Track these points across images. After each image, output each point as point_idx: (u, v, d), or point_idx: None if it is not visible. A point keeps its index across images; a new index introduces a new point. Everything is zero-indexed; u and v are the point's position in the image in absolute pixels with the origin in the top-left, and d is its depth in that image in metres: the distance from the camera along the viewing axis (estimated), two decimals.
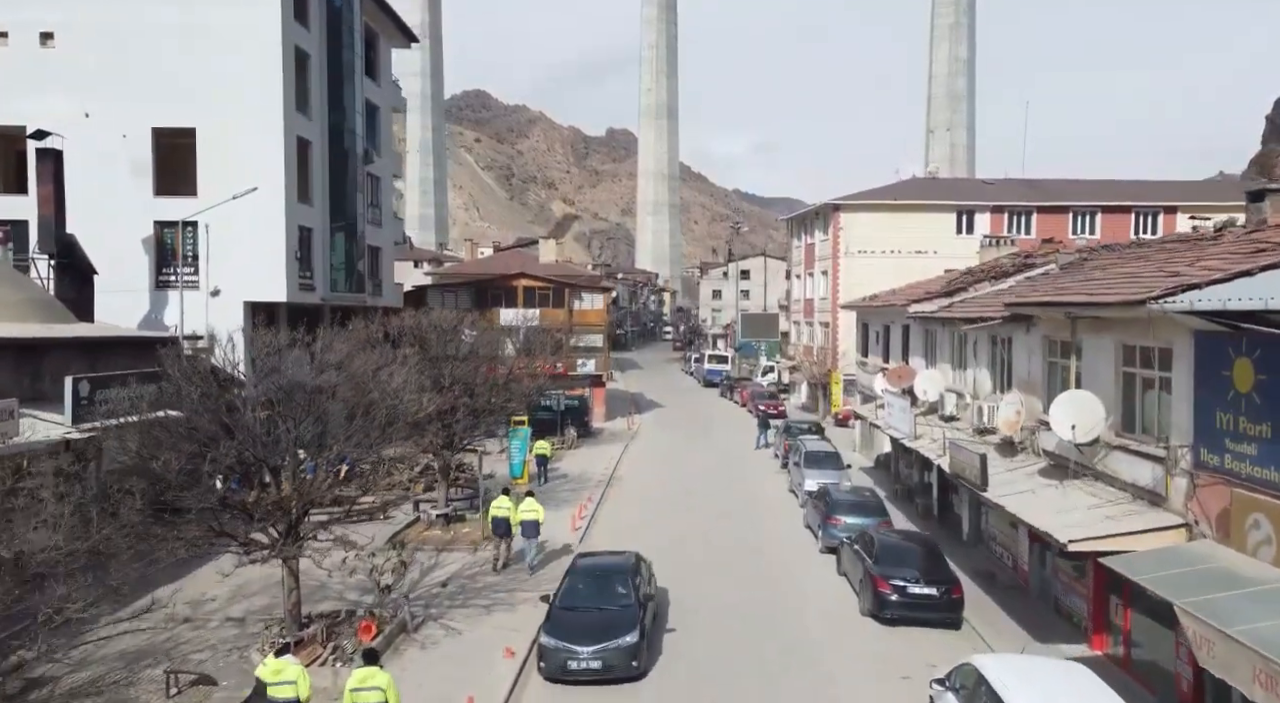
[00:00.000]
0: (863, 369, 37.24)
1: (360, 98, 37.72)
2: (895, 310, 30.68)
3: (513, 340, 39.47)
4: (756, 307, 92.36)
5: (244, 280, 30.92)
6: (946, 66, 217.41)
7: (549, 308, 47.04)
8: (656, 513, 27.75)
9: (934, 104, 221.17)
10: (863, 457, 37.87)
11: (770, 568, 22.00)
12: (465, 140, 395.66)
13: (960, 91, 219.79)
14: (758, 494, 30.56)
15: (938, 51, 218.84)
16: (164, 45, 30.50)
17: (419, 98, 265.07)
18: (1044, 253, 30.67)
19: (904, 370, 27.87)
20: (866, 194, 52.38)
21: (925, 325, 27.58)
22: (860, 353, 37.72)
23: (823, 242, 52.69)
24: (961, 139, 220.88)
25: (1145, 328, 14.17)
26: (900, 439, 24.47)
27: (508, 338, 40.03)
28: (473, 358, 24.79)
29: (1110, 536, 13.10)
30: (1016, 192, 52.55)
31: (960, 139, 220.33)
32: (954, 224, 50.55)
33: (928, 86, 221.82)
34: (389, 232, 42.86)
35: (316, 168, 34.12)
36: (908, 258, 49.69)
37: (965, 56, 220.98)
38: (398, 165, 47.51)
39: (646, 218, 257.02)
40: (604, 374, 48.29)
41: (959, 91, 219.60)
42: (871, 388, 34.61)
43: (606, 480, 32.15)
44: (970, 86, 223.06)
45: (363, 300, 38.59)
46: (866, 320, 36.51)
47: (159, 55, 30.50)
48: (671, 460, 37.16)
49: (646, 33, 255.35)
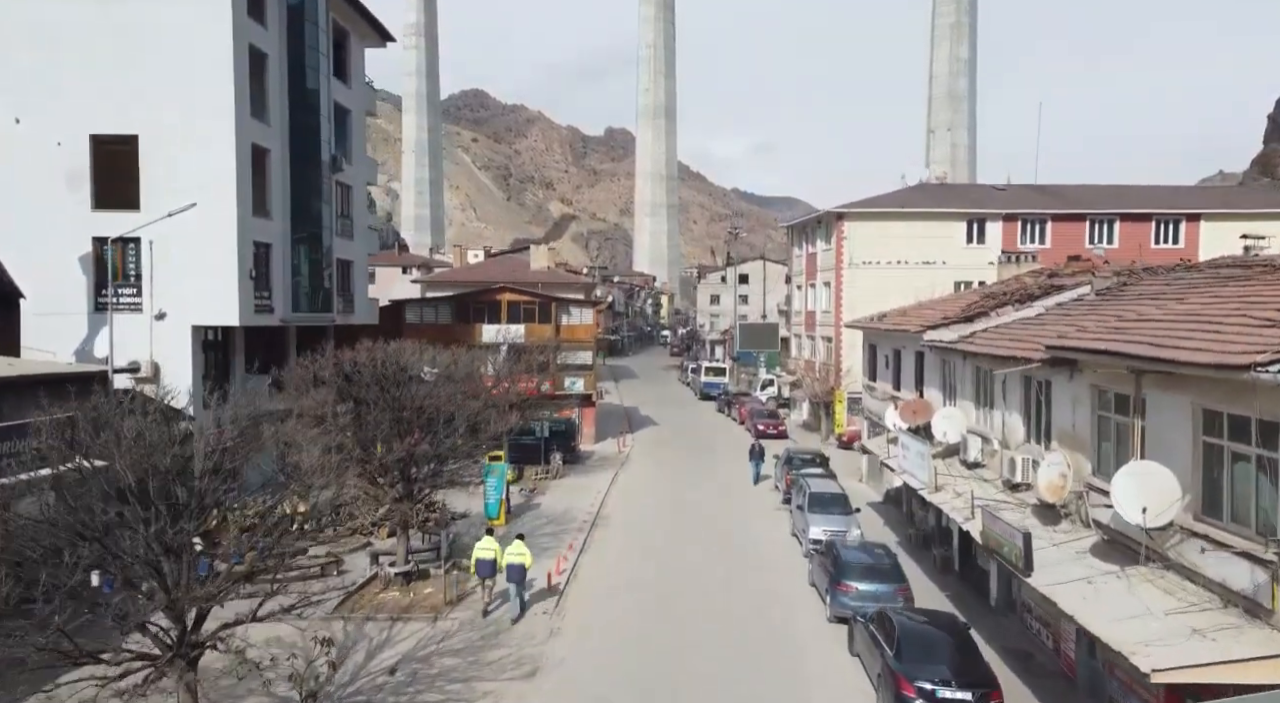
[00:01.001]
0: (870, 394, 34.46)
1: (328, 101, 34.88)
2: (907, 335, 27.91)
3: (492, 362, 36.78)
4: (755, 311, 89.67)
5: (192, 302, 28.08)
6: (947, 66, 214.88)
7: (534, 323, 44.24)
8: (643, 563, 24.94)
9: (935, 104, 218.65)
10: (870, 488, 35.10)
11: (771, 640, 19.19)
12: (462, 140, 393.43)
13: (961, 92, 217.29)
14: (757, 539, 27.73)
15: (938, 51, 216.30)
16: (103, 45, 27.65)
17: (414, 97, 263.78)
18: (1071, 272, 27.95)
19: (920, 405, 25.08)
20: (871, 201, 49.61)
21: (943, 355, 24.81)
22: (867, 376, 34.95)
23: (825, 251, 49.91)
24: (963, 139, 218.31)
25: (1237, 392, 11.40)
26: (919, 490, 21.70)
27: (488, 359, 37.39)
28: (436, 396, 21.93)
29: (1208, 664, 10.32)
30: (1029, 198, 49.77)
31: (961, 139, 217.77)
32: (964, 233, 47.80)
33: (928, 86, 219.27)
34: (362, 244, 40.04)
35: (276, 178, 31.29)
36: (915, 269, 46.99)
37: (966, 56, 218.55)
38: (372, 172, 44.60)
39: (644, 219, 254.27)
40: (593, 393, 45.48)
41: (960, 92, 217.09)
42: (880, 418, 31.83)
43: (591, 521, 29.33)
44: (971, 87, 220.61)
45: (330, 320, 35.78)
46: (874, 342, 33.74)
47: (97, 56, 27.65)
48: (662, 494, 34.31)
49: (644, 32, 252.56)
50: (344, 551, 25.02)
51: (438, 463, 22.01)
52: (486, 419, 24.67)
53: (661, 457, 42.94)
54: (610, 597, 22.07)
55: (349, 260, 38.32)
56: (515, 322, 44.06)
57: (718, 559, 25.14)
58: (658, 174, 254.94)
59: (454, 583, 21.31)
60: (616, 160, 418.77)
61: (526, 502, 32.43)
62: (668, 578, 23.40)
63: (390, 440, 20.90)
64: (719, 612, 20.93)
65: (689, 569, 24.19)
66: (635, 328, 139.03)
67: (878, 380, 33.20)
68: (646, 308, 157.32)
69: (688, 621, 20.30)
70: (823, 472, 31.86)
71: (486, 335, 43.17)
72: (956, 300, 29.65)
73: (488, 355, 37.69)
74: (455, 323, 43.76)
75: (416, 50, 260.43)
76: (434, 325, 43.93)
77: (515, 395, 34.79)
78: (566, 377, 44.84)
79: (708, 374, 68.99)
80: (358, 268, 39.37)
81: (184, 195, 27.09)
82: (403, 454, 21.02)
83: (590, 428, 46.28)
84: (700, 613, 20.87)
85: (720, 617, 20.58)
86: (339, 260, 37.14)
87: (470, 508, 29.61)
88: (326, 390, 21.53)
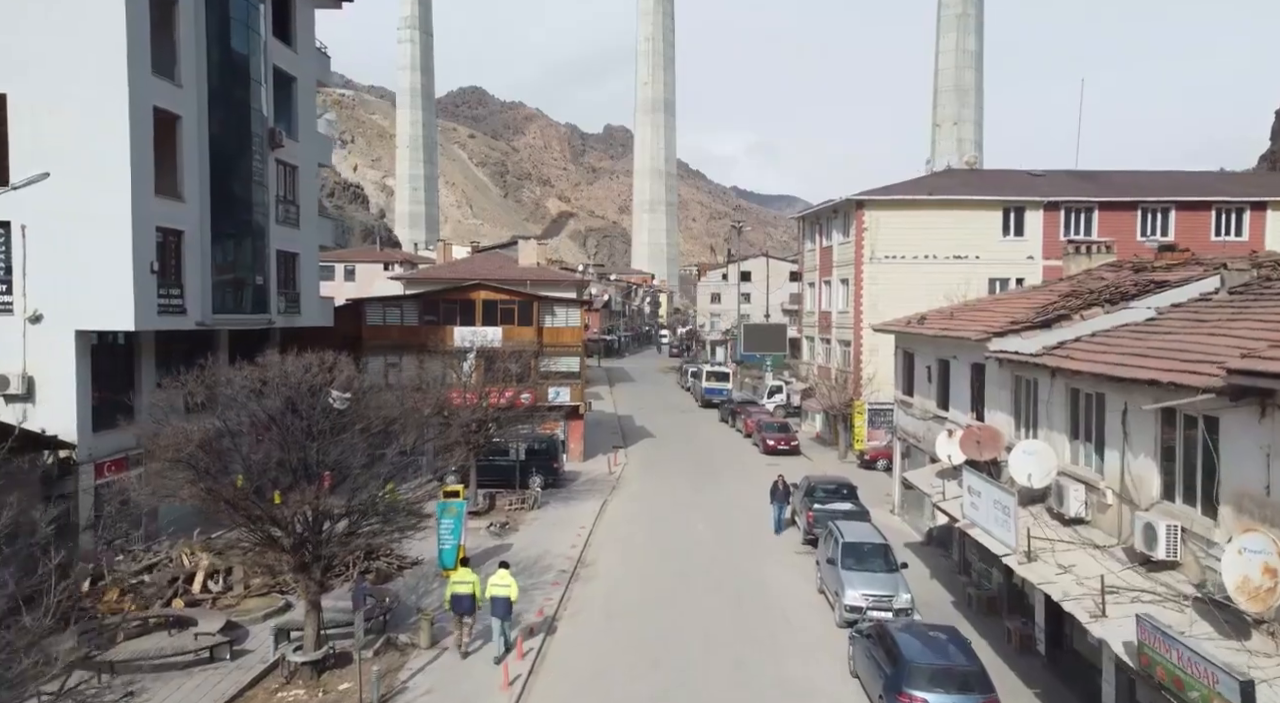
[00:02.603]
0: (905, 410, 29.05)
1: (264, 64, 29.45)
2: (960, 343, 22.50)
3: (454, 371, 31.41)
4: (757, 310, 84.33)
5: (78, 302, 22.68)
6: (954, 58, 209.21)
7: (514, 325, 38.80)
8: (632, 644, 19.48)
9: (940, 98, 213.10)
10: (903, 521, 29.70)
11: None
12: (458, 136, 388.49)
13: (968, 85, 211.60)
14: (777, 599, 22.14)
15: (944, 42, 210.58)
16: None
17: (408, 92, 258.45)
18: (1165, 264, 22.58)
19: (986, 435, 19.66)
20: (896, 188, 44.20)
21: (1015, 371, 19.41)
22: (901, 389, 29.53)
23: (843, 244, 44.48)
24: (969, 134, 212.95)
25: None
26: (1002, 557, 16.21)
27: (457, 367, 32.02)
28: (352, 428, 16.45)
29: None
30: (1072, 185, 44.34)
31: (968, 134, 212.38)
32: (999, 224, 42.37)
33: (934, 79, 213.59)
34: (311, 234, 34.56)
35: (190, 151, 25.86)
36: (945, 265, 41.67)
37: (974, 48, 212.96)
38: (325, 151, 38.71)
39: (643, 215, 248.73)
40: (581, 405, 40.03)
41: (967, 85, 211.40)
42: (920, 440, 26.43)
43: (570, 572, 23.82)
44: (979, 80, 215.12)
45: (267, 322, 30.38)
46: (911, 349, 28.32)
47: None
48: (659, 532, 28.74)
49: (643, 24, 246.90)
50: (253, 616, 19.63)
51: (358, 518, 16.57)
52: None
53: (659, 478, 37.47)
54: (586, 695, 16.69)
55: (293, 253, 32.88)
56: (492, 323, 38.61)
57: (729, 635, 19.64)
58: (656, 170, 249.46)
59: (376, 679, 15.84)
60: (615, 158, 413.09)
61: (496, 542, 27.02)
62: (663, 667, 17.89)
63: (288, 489, 15.46)
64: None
65: (691, 655, 18.67)
66: (633, 328, 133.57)
67: (916, 395, 27.78)
68: (644, 307, 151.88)
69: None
70: (853, 507, 26.45)
71: (459, 339, 37.77)
72: (1019, 299, 24.23)
73: (459, 362, 32.33)
74: (423, 325, 38.32)
75: (411, 44, 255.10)
76: (399, 327, 38.58)
77: (484, 411, 29.49)
78: (550, 386, 39.42)
79: (709, 379, 63.36)
80: (306, 262, 33.90)
81: (67, 169, 21.82)
82: (305, 507, 15.57)
83: (577, 443, 40.87)
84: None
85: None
86: (281, 253, 31.74)
87: (424, 553, 24.22)
88: (202, 417, 16.08)
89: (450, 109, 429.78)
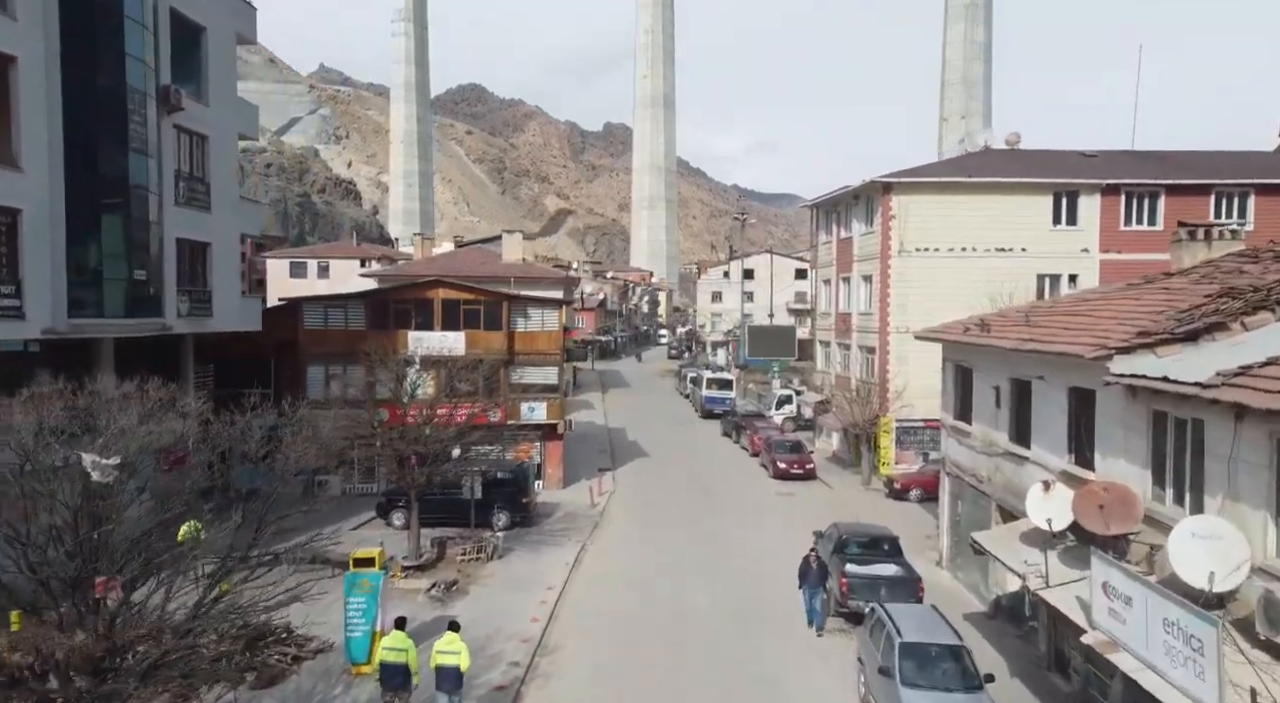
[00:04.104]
0: (960, 440, 22.96)
1: (148, 1, 23.40)
2: (1054, 361, 16.45)
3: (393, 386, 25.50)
4: (760, 310, 78.35)
5: None
6: (962, 50, 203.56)
7: (479, 330, 32.73)
8: None
9: (948, 91, 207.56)
10: (954, 578, 23.63)
11: None
12: (455, 133, 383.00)
13: (976, 77, 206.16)
14: None
15: (952, 33, 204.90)
16: None
17: (402, 86, 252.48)
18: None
19: (1116, 498, 13.57)
20: (928, 169, 38.17)
21: (1157, 404, 13.36)
22: (954, 413, 23.43)
23: (865, 235, 38.40)
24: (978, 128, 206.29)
25: None
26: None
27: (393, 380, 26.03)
28: None
29: None
30: (1132, 166, 38.21)
31: (977, 128, 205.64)
32: (1049, 211, 36.30)
33: (941, 72, 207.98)
34: (229, 219, 28.51)
35: (31, 104, 19.83)
36: (986, 259, 35.69)
37: (982, 39, 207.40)
38: (249, 121, 32.25)
39: (642, 212, 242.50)
40: (560, 423, 33.93)
41: (975, 77, 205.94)
42: (982, 480, 20.39)
43: (525, 668, 17.70)
44: (987, 72, 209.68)
45: (162, 327, 24.34)
46: (967, 363, 22.25)
47: None
48: (648, 596, 22.48)
49: (642, 16, 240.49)
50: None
51: (168, 640, 10.49)
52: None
53: (649, 514, 31.39)
54: None
55: (202, 242, 26.84)
56: (453, 327, 32.53)
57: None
58: (656, 166, 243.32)
59: None
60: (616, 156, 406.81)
61: (436, 613, 20.91)
62: None
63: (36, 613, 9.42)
64: None
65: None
66: (630, 327, 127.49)
67: (976, 422, 21.70)
68: (643, 306, 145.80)
69: None
70: (899, 570, 20.33)
71: (414, 345, 31.77)
72: (1121, 299, 18.12)
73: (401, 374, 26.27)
74: (371, 329, 32.24)
75: (405, 37, 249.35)
76: (343, 332, 32.51)
77: (427, 436, 23.47)
78: (523, 401, 33.38)
79: (710, 387, 57.07)
80: (220, 253, 27.86)
81: None
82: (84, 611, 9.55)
83: (556, 468, 34.80)
84: None
85: None
86: (183, 242, 25.74)
87: (333, 640, 18.17)
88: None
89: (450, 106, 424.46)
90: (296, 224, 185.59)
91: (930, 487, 31.89)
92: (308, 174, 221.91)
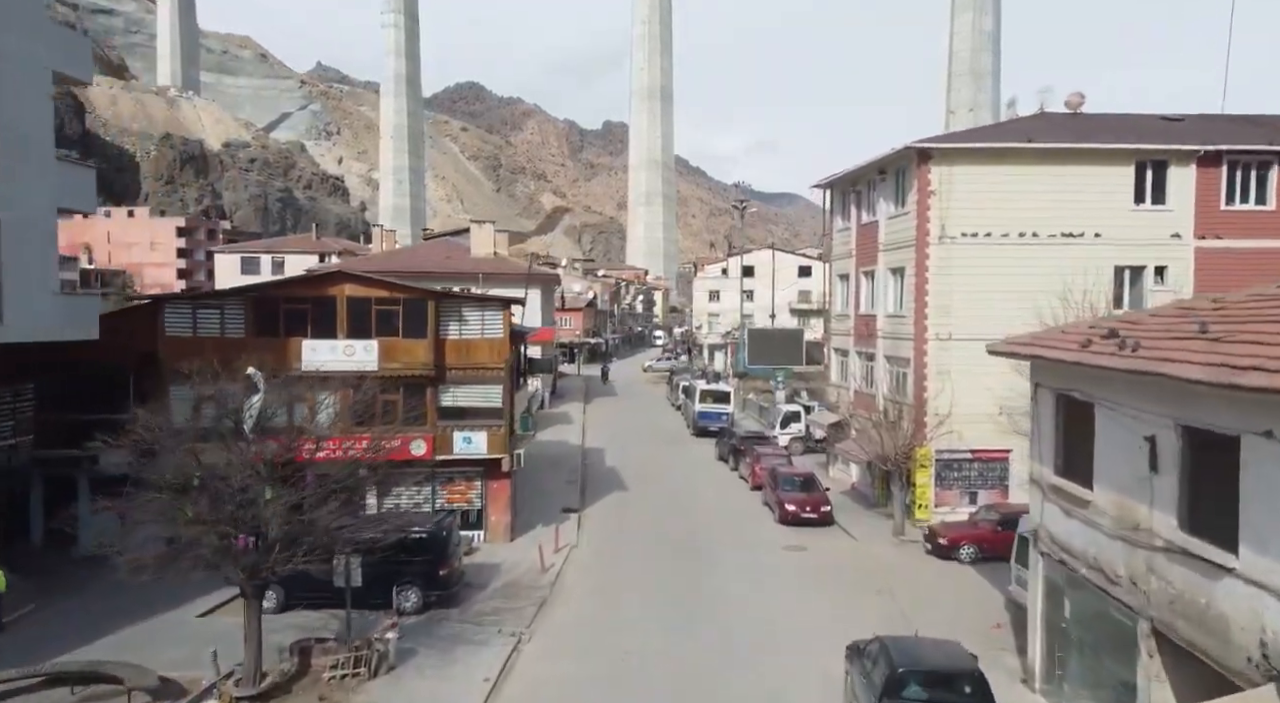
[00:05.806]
0: (1068, 509, 15.19)
1: None
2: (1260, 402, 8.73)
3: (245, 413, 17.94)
4: (761, 310, 70.80)
5: None
6: (969, 41, 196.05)
7: (397, 337, 24.99)
8: None
9: (954, 82, 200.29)
10: (1031, 694, 15.90)
11: None
12: (450, 129, 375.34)
13: (984, 69, 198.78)
14: None
15: (959, 23, 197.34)
16: None
17: (392, 80, 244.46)
18: None
19: None
20: (975, 133, 30.52)
21: None
22: (1057, 468, 15.60)
23: (895, 218, 30.70)
24: (985, 121, 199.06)
25: None
26: None
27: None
28: None
29: None
30: (1232, 131, 30.47)
31: (984, 120, 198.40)
32: (1130, 186, 28.60)
33: (948, 63, 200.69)
34: (35, 187, 20.77)
35: None
36: (1049, 247, 28.18)
37: (990, 29, 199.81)
38: (75, 58, 24.30)
39: (638, 209, 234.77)
40: (505, 458, 26.15)
41: (983, 68, 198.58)
42: (1128, 590, 12.64)
43: None
44: (995, 64, 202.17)
45: None
46: (1086, 394, 14.50)
47: None
48: None
49: (639, 6, 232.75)
50: None
51: None
52: None
53: (618, 581, 23.64)
54: None
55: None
56: (363, 334, 24.78)
57: None
58: (653, 161, 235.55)
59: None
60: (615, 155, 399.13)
61: None
62: None
63: None
64: None
65: None
66: (623, 328, 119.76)
67: (1099, 487, 13.95)
68: (637, 305, 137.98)
69: None
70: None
71: (311, 357, 24.10)
72: None
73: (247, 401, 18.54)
74: (255, 335, 24.49)
75: (395, 29, 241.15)
76: (218, 341, 24.72)
77: (273, 499, 15.83)
78: (456, 431, 25.65)
79: (704, 400, 48.85)
80: (18, 234, 20.13)
81: None
82: None
83: (501, 515, 27.02)
84: None
85: None
86: None
87: None
88: None
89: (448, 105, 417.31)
90: (278, 220, 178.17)
91: (989, 544, 24.26)
92: (293, 169, 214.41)
